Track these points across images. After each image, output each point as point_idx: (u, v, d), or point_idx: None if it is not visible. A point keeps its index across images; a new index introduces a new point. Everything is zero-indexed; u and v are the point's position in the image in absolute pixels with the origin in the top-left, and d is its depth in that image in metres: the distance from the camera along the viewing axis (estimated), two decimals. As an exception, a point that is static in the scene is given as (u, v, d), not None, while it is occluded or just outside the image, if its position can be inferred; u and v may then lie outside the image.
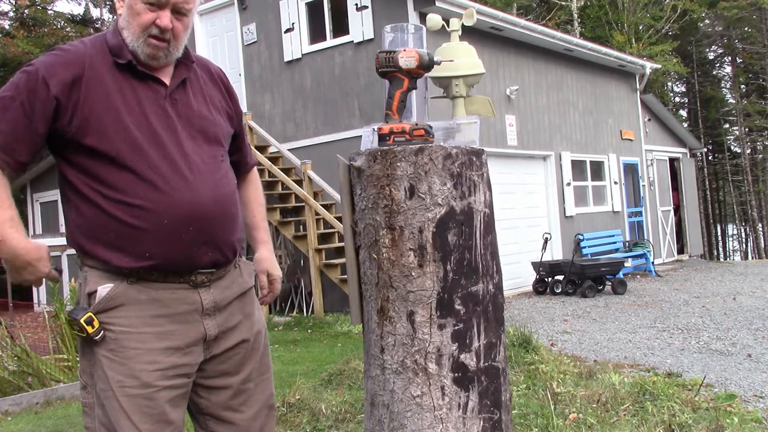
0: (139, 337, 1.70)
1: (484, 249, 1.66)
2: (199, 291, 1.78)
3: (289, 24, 10.72)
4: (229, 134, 1.94)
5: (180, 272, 1.74)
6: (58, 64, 1.70)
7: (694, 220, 17.23)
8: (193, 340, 1.76)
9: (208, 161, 1.80)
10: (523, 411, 3.90)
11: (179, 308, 1.75)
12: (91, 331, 1.68)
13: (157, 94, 1.77)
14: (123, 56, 1.73)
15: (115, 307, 1.71)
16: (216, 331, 1.80)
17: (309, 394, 4.41)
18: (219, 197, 1.79)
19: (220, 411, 1.85)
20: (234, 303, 1.86)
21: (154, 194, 1.69)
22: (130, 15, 1.71)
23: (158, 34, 1.71)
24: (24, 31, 19.13)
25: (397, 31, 1.80)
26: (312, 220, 9.11)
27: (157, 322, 1.72)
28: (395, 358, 1.62)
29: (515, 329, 5.80)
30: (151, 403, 1.69)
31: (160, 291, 1.73)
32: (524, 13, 22.61)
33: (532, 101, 11.70)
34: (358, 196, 1.69)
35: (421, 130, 1.67)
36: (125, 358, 1.69)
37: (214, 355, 1.82)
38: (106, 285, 1.71)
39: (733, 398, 4.18)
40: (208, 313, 1.79)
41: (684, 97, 33.25)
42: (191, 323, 1.76)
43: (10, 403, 5.17)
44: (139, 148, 1.70)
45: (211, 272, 1.79)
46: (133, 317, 1.71)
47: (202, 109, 1.85)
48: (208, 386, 1.84)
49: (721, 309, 8.18)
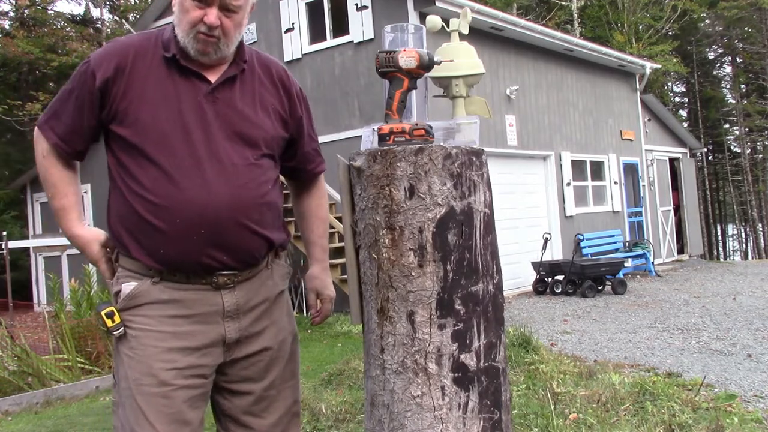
0: (158, 335, 1.70)
1: (484, 249, 1.66)
2: (222, 293, 1.76)
3: (289, 24, 10.72)
4: (277, 138, 1.86)
5: (199, 273, 1.73)
6: (106, 55, 1.75)
7: (694, 220, 17.22)
8: (211, 341, 1.75)
9: (239, 163, 1.74)
10: (523, 411, 3.90)
11: (200, 309, 1.74)
12: (110, 325, 1.71)
13: (197, 90, 1.75)
14: (169, 50, 1.75)
15: (138, 306, 1.72)
16: (237, 334, 1.78)
17: (309, 394, 4.42)
18: (240, 201, 1.72)
19: (240, 415, 1.85)
20: (260, 307, 1.83)
21: (173, 192, 1.69)
22: (180, 12, 1.72)
23: (206, 30, 1.70)
24: (24, 31, 19.11)
25: (397, 31, 1.80)
26: (312, 220, 9.09)
27: (176, 322, 1.72)
28: (395, 358, 1.62)
29: (515, 329, 5.80)
30: (168, 402, 1.68)
31: (183, 291, 1.73)
32: (524, 13, 22.61)
33: (532, 101, 11.70)
34: (358, 196, 1.69)
35: (421, 130, 1.66)
36: (144, 356, 1.69)
37: (235, 359, 1.80)
38: (130, 283, 1.73)
39: (733, 398, 4.18)
40: (230, 316, 1.77)
41: (684, 97, 33.25)
42: (211, 324, 1.75)
43: (10, 403, 5.17)
44: (166, 143, 1.70)
45: (233, 274, 1.76)
46: (153, 316, 1.71)
47: (246, 110, 1.79)
48: (231, 390, 1.83)
49: (721, 309, 8.18)
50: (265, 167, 1.81)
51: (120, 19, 21.77)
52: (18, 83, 20.67)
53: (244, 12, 1.76)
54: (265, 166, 1.82)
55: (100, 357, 6.14)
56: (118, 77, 1.71)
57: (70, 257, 14.02)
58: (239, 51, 1.81)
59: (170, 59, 1.74)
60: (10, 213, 16.79)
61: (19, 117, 17.56)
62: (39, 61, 18.75)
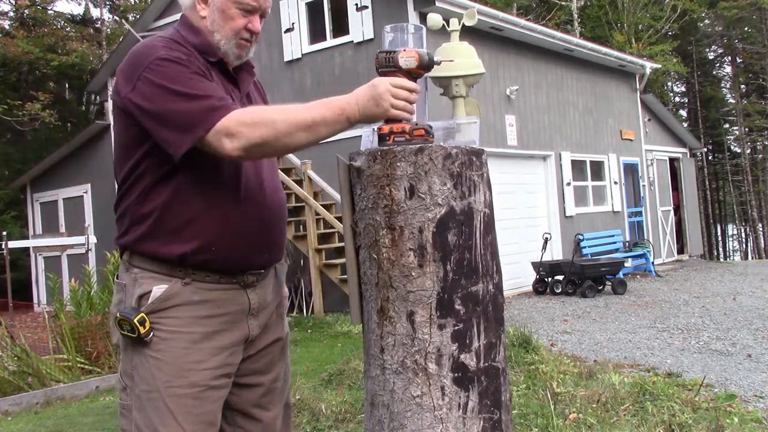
0: (190, 336, 1.71)
1: (484, 249, 1.66)
2: (248, 291, 1.81)
3: (289, 24, 10.72)
4: None
5: (234, 272, 1.77)
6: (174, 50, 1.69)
7: (694, 220, 17.22)
8: (238, 339, 1.79)
9: (272, 164, 1.90)
10: (523, 411, 3.90)
11: (230, 308, 1.77)
12: (143, 332, 1.68)
13: (236, 94, 1.82)
14: (213, 54, 1.78)
15: (170, 308, 1.71)
16: (258, 331, 1.84)
17: (309, 394, 4.42)
18: (280, 201, 1.88)
19: (249, 408, 1.87)
20: (273, 303, 1.91)
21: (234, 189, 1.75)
22: (222, 19, 1.75)
23: (249, 37, 1.79)
24: (24, 31, 19.10)
25: (397, 31, 1.80)
26: (312, 220, 9.10)
27: (207, 322, 1.73)
28: (395, 358, 1.62)
29: (515, 329, 5.80)
30: (198, 403, 1.70)
31: (213, 292, 1.75)
32: (524, 13, 22.60)
33: (532, 101, 11.70)
34: (358, 196, 1.69)
35: (421, 130, 1.66)
36: (174, 358, 1.69)
37: (250, 354, 1.85)
38: (161, 285, 1.72)
39: (733, 398, 4.18)
40: (253, 314, 1.82)
41: (684, 97, 33.25)
42: (238, 323, 1.79)
43: (10, 403, 5.17)
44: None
45: (260, 273, 1.83)
46: (185, 317, 1.72)
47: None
48: (241, 384, 1.85)
49: (721, 309, 8.18)
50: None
51: (120, 19, 21.77)
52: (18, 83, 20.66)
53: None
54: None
55: (100, 357, 6.14)
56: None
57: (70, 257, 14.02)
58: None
59: (215, 63, 1.78)
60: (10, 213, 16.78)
61: (19, 117, 17.55)
62: (39, 61, 18.75)
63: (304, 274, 9.59)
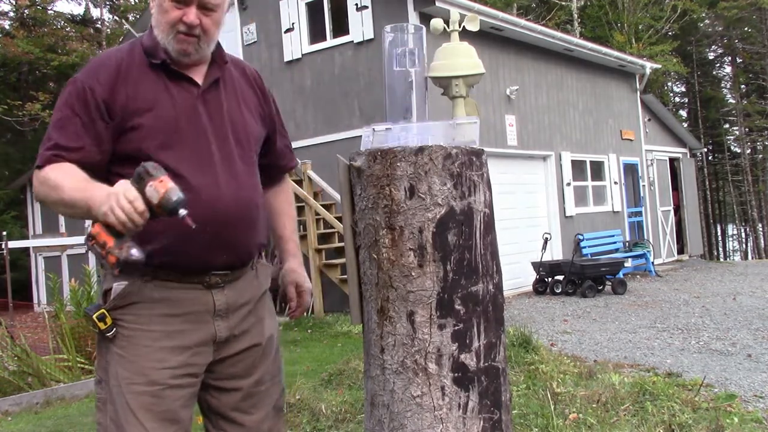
0: (150, 335, 1.71)
1: (484, 249, 1.66)
2: (213, 292, 1.78)
3: (289, 24, 10.72)
4: (260, 137, 1.93)
5: (194, 272, 1.75)
6: (96, 71, 1.73)
7: (694, 220, 17.22)
8: (202, 340, 1.77)
9: (235, 163, 1.80)
10: (523, 411, 3.90)
11: (191, 308, 1.75)
12: (103, 327, 1.71)
13: (190, 93, 1.78)
14: (157, 56, 1.75)
15: (129, 305, 1.72)
16: (227, 333, 1.81)
17: (309, 394, 4.42)
18: (241, 200, 1.78)
19: (229, 412, 1.86)
20: (247, 305, 1.86)
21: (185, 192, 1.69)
22: (159, 13, 1.73)
23: (186, 30, 1.73)
24: (24, 31, 19.11)
25: (397, 31, 1.80)
26: (312, 220, 9.10)
27: (167, 321, 1.73)
28: (395, 358, 1.62)
29: (515, 329, 5.80)
30: (158, 401, 1.69)
31: (174, 290, 1.74)
32: (524, 13, 22.61)
33: (532, 101, 11.70)
34: (358, 196, 1.69)
35: (113, 257, 1.53)
36: (135, 356, 1.70)
37: (224, 357, 1.82)
38: (121, 282, 1.73)
39: (733, 398, 4.18)
40: (220, 315, 1.79)
41: (684, 97, 33.25)
42: (202, 323, 1.77)
43: (10, 403, 5.17)
44: (169, 146, 1.72)
45: (225, 274, 1.79)
46: (144, 315, 1.72)
47: (234, 110, 1.85)
48: (219, 387, 1.84)
49: (721, 309, 8.18)
50: (255, 167, 1.89)
51: (120, 19, 21.77)
52: (18, 83, 20.67)
53: (222, 10, 1.79)
54: (255, 165, 1.89)
55: (100, 357, 6.13)
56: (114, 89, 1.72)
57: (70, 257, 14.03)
58: (219, 52, 1.85)
59: (159, 65, 1.75)
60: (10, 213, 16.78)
61: (19, 117, 17.56)
62: (39, 61, 18.76)
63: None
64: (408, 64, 1.83)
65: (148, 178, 1.53)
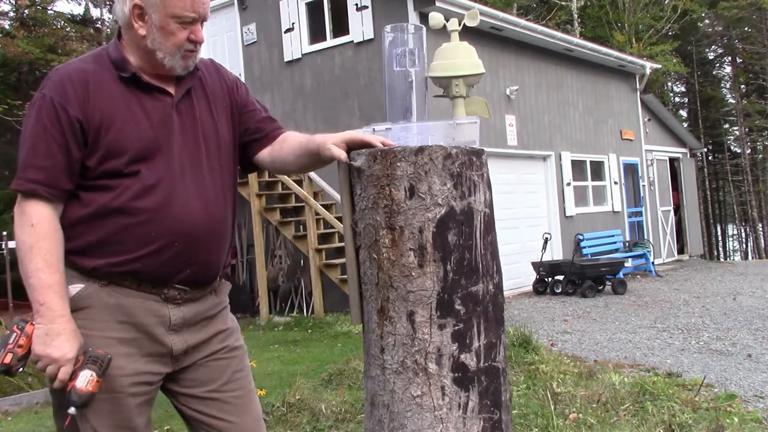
0: (104, 341, 1.68)
1: (484, 249, 1.66)
2: (169, 306, 1.76)
3: (289, 24, 10.72)
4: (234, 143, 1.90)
5: (154, 283, 1.73)
6: (66, 86, 1.68)
7: (694, 220, 17.22)
8: (157, 351, 1.75)
9: (205, 177, 1.78)
10: (523, 411, 3.90)
11: (146, 319, 1.73)
12: None
13: (164, 104, 1.76)
14: (126, 70, 1.73)
15: (83, 309, 1.70)
16: (183, 346, 1.79)
17: (309, 394, 4.41)
18: (211, 216, 1.77)
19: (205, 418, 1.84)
20: (204, 321, 1.84)
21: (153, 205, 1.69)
22: (163, 36, 1.70)
23: (193, 48, 1.74)
24: (24, 31, 19.10)
25: (397, 31, 1.80)
26: (312, 220, 9.10)
27: (122, 328, 1.71)
28: (395, 358, 1.62)
29: (515, 329, 5.80)
30: (114, 408, 1.68)
31: (130, 298, 1.72)
32: (524, 13, 22.60)
33: (532, 101, 11.70)
34: (358, 196, 1.69)
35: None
36: None
37: (185, 366, 1.81)
38: (76, 285, 1.70)
39: (733, 398, 4.18)
40: (175, 329, 1.77)
41: (684, 97, 33.25)
42: (157, 335, 1.75)
43: (10, 403, 5.17)
44: (143, 159, 1.70)
45: (184, 290, 1.77)
46: (98, 320, 1.70)
47: (205, 117, 1.83)
48: (188, 394, 1.83)
49: (721, 309, 8.18)
50: (229, 179, 1.86)
51: (120, 19, 21.73)
52: (18, 83, 20.66)
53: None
54: (229, 177, 1.87)
55: (100, 357, 6.13)
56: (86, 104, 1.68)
57: (70, 257, 14.00)
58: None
59: (129, 78, 1.73)
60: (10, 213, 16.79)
61: (19, 117, 17.55)
62: (39, 61, 18.73)
63: (304, 274, 9.59)
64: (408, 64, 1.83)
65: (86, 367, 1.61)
